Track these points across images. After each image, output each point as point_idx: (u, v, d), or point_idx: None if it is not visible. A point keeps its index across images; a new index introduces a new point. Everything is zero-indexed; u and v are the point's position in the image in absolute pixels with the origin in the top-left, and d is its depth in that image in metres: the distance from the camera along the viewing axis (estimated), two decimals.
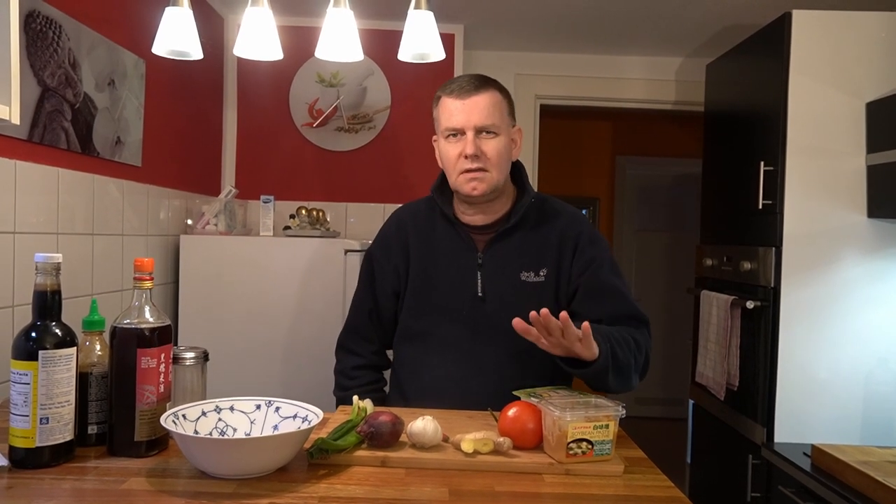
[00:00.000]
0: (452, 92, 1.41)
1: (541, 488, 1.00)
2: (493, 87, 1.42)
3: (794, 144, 2.08)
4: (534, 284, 1.44)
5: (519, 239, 1.46)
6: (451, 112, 1.40)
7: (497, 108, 1.41)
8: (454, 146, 1.41)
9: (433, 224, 1.51)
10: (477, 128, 1.38)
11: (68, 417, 1.03)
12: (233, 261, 2.32)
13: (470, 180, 1.40)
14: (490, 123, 1.39)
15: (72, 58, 1.71)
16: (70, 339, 1.04)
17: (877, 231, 2.06)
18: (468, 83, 1.40)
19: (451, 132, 1.41)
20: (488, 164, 1.39)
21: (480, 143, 1.39)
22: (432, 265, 1.48)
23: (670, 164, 5.11)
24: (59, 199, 1.69)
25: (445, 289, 1.46)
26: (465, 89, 1.39)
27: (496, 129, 1.40)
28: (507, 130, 1.43)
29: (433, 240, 1.50)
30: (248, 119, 2.93)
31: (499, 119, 1.41)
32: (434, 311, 1.47)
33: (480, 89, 1.40)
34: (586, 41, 3.12)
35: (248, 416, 1.14)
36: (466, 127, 1.39)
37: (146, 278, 1.11)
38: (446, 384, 1.43)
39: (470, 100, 1.39)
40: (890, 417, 2.06)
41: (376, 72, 2.90)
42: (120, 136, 1.98)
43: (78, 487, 0.96)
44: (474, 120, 1.38)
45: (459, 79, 1.43)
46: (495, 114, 1.40)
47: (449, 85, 1.43)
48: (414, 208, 1.58)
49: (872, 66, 2.06)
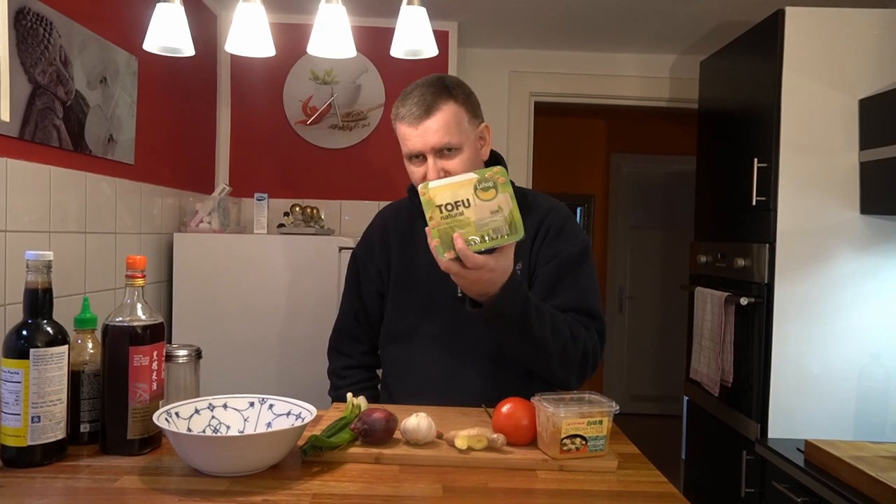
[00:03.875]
0: (404, 118, 1.34)
1: (534, 484, 1.01)
2: (446, 99, 1.34)
3: (787, 141, 2.08)
4: None
5: None
6: (407, 137, 1.35)
7: (453, 122, 1.33)
8: (418, 168, 1.37)
9: (414, 223, 1.49)
10: (435, 149, 1.33)
11: (60, 416, 1.03)
12: (227, 259, 2.31)
13: None
14: (447, 142, 1.33)
15: (63, 55, 1.70)
16: (62, 338, 1.03)
17: (870, 227, 2.07)
18: (417, 107, 1.33)
19: (410, 157, 1.37)
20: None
21: (443, 162, 1.34)
22: (412, 265, 1.47)
23: (665, 162, 5.12)
24: (52, 198, 1.68)
25: (425, 289, 1.45)
26: (415, 115, 1.33)
27: (457, 145, 1.34)
28: (470, 139, 1.37)
29: (414, 239, 1.48)
30: (241, 117, 2.92)
31: (457, 134, 1.34)
32: (415, 312, 1.46)
33: (431, 111, 1.32)
34: (581, 38, 3.12)
35: (241, 413, 1.14)
36: (424, 151, 1.34)
37: (138, 276, 1.10)
38: (429, 384, 1.42)
39: (422, 126, 1.32)
40: (883, 413, 2.07)
41: (370, 69, 2.89)
42: (112, 134, 1.97)
43: (70, 486, 0.95)
44: (431, 143, 1.32)
45: (410, 97, 1.35)
46: (452, 130, 1.33)
47: (401, 106, 1.36)
48: (396, 208, 1.57)
49: (865, 63, 2.07)
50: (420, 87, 1.36)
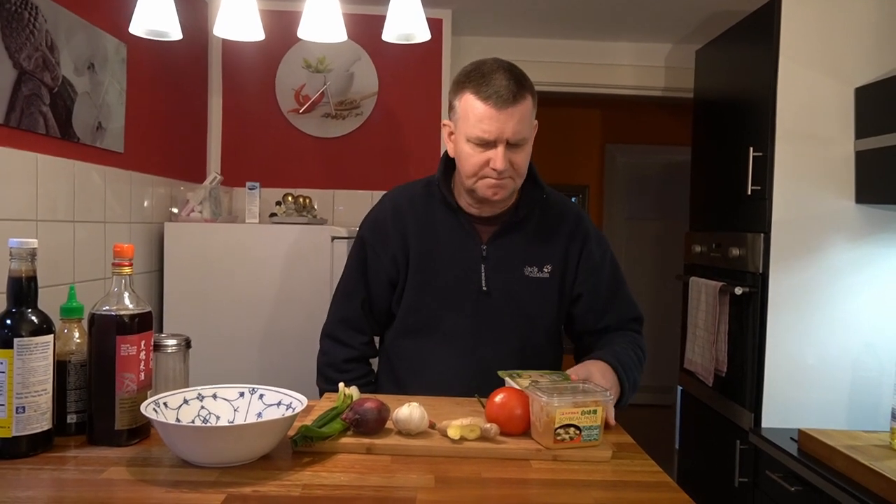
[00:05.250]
0: (489, 98, 1.25)
1: (528, 474, 1.00)
2: (528, 92, 1.29)
3: (783, 130, 2.07)
4: (539, 281, 1.41)
5: (524, 233, 1.41)
6: (482, 119, 1.26)
7: (529, 116, 1.29)
8: (479, 154, 1.29)
9: (433, 211, 1.43)
10: (510, 140, 1.28)
11: (45, 406, 1.01)
12: (218, 248, 2.29)
13: (492, 186, 1.32)
14: (522, 137, 1.29)
15: (49, 40, 1.67)
16: (47, 327, 1.02)
17: (865, 217, 2.06)
18: (507, 90, 1.25)
19: (479, 141, 1.29)
20: (514, 172, 1.32)
21: (511, 155, 1.29)
22: (434, 256, 1.41)
23: (660, 153, 5.11)
24: (39, 186, 1.66)
25: (448, 282, 1.40)
26: (504, 98, 1.25)
27: (526, 141, 1.31)
28: (532, 136, 1.34)
29: (434, 229, 1.42)
30: (233, 105, 2.89)
31: (529, 129, 1.31)
32: (436, 305, 1.41)
33: (518, 99, 1.26)
34: (575, 27, 3.10)
35: (231, 403, 1.12)
36: (499, 140, 1.27)
37: (125, 264, 1.08)
38: (449, 380, 1.37)
39: (506, 112, 1.25)
40: (876, 402, 2.07)
41: (363, 57, 2.86)
42: (101, 122, 1.94)
43: (56, 477, 0.94)
44: (508, 133, 1.26)
45: (495, 79, 1.26)
46: (527, 124, 1.29)
47: (481, 83, 1.26)
48: (410, 193, 1.47)
49: (861, 51, 2.05)
50: (502, 70, 1.28)
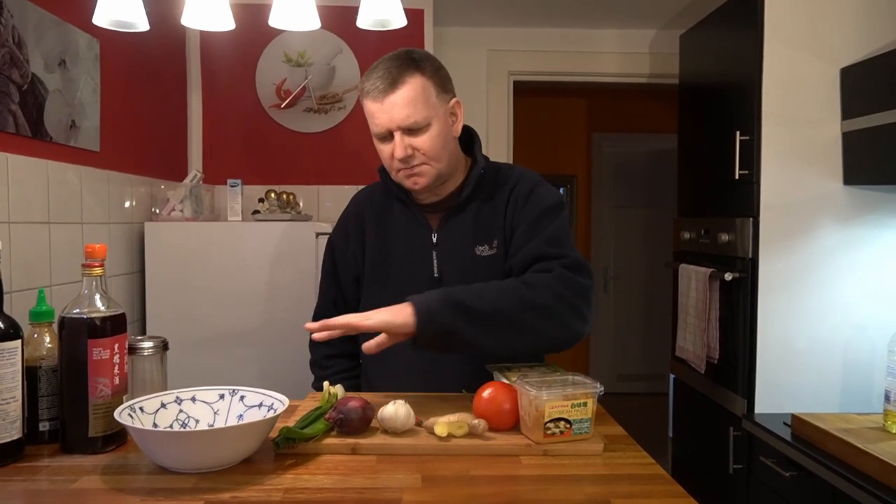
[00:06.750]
0: (369, 93, 1.28)
1: (518, 470, 0.97)
2: (412, 72, 1.27)
3: (769, 113, 2.04)
4: (488, 258, 1.37)
5: (471, 213, 1.38)
6: (371, 115, 1.29)
7: (420, 97, 1.26)
8: (385, 146, 1.31)
9: (389, 206, 1.44)
10: (402, 127, 1.27)
11: (15, 415, 0.97)
12: (200, 247, 2.25)
13: (409, 176, 1.32)
14: (414, 121, 1.26)
15: (16, 36, 1.62)
16: (14, 332, 0.98)
17: (853, 198, 2.05)
18: (383, 80, 1.26)
19: (378, 136, 1.32)
20: (424, 157, 1.29)
21: (411, 140, 1.28)
22: (388, 249, 1.42)
23: (646, 141, 5.10)
24: (10, 187, 1.61)
25: (402, 272, 1.40)
26: (380, 88, 1.26)
27: (425, 121, 1.27)
28: (439, 114, 1.30)
29: (389, 223, 1.43)
30: (213, 101, 2.83)
31: (424, 109, 1.27)
32: (392, 296, 1.37)
33: (397, 85, 1.25)
34: (559, 14, 3.06)
35: (211, 406, 1.09)
36: (391, 128, 1.27)
37: (96, 265, 1.04)
38: (409, 370, 1.37)
39: (387, 100, 1.26)
40: (868, 385, 2.06)
41: (344, 50, 2.82)
42: (75, 120, 1.89)
43: (27, 489, 0.90)
44: (397, 120, 1.26)
45: (375, 71, 1.28)
46: (419, 106, 1.26)
47: (366, 82, 1.29)
48: (370, 191, 1.50)
49: (847, 31, 2.03)
50: (386, 60, 1.29)
